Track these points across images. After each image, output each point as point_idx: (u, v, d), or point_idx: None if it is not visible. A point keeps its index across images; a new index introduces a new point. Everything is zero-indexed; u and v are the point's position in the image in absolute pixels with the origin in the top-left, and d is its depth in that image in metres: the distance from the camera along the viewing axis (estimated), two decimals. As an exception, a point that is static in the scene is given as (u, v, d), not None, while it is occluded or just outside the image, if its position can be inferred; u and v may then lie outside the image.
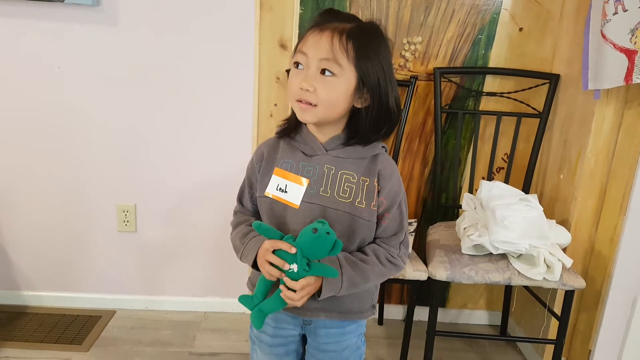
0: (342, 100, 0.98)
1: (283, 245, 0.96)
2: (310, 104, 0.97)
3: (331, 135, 1.04)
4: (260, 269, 1.00)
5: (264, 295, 1.01)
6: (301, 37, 1.01)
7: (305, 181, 1.01)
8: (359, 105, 1.00)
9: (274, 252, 0.97)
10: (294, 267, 0.95)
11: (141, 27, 1.83)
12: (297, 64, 0.99)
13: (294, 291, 0.96)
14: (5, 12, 1.81)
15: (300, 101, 0.98)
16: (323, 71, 0.96)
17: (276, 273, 0.97)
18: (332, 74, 0.95)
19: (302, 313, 1.07)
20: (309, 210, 1.00)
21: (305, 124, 1.05)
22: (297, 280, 0.95)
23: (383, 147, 1.07)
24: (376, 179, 1.03)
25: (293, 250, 0.95)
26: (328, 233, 0.94)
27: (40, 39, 1.84)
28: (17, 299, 2.11)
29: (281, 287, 0.97)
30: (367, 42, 0.96)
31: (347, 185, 1.01)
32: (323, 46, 0.95)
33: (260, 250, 1.00)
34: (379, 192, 1.03)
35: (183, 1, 1.81)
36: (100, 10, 1.81)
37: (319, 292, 0.99)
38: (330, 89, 0.96)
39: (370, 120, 1.00)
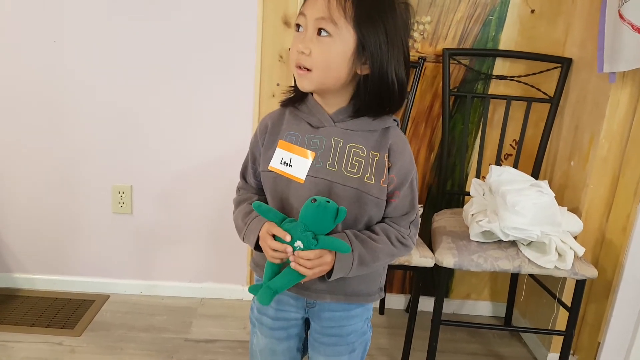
0: (338, 64, 0.91)
1: (278, 232, 0.91)
2: (307, 69, 0.91)
3: (338, 107, 0.97)
4: (264, 253, 0.95)
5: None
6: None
7: (310, 154, 0.95)
8: (360, 72, 0.93)
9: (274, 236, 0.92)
10: (299, 244, 0.89)
11: (140, 2, 1.76)
12: (298, 26, 0.93)
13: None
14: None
15: (299, 67, 0.92)
16: (320, 32, 0.89)
17: (279, 256, 0.91)
18: (328, 33, 0.89)
19: (307, 294, 1.01)
20: (314, 185, 0.94)
21: (312, 94, 0.99)
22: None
23: (395, 120, 1.00)
24: (387, 154, 0.96)
25: (288, 238, 0.89)
26: (328, 201, 0.89)
27: (36, 11, 1.77)
28: (8, 281, 2.05)
29: (291, 258, 0.90)
30: (370, 2, 0.90)
31: (356, 160, 0.95)
32: (320, 4, 0.89)
33: (262, 234, 0.94)
34: (389, 168, 0.97)
35: (183, -26, 1.75)
36: (97, -18, 1.75)
37: (328, 273, 0.94)
38: (324, 49, 0.90)
39: (370, 92, 0.93)
